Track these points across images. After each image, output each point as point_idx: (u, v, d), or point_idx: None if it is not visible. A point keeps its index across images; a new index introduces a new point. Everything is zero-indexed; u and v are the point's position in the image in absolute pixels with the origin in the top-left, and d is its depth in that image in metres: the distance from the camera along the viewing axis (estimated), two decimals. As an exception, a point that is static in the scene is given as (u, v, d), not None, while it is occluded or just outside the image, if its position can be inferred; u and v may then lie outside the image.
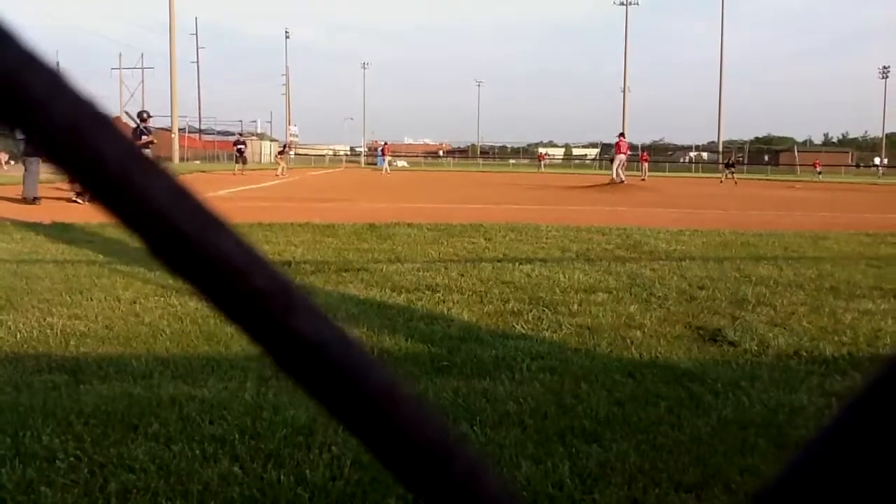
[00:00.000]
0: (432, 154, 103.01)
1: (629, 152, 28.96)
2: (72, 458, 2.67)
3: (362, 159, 76.55)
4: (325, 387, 0.21)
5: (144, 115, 16.45)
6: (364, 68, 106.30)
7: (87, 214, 11.42)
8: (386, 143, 54.26)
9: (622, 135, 27.64)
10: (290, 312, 0.21)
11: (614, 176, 26.02)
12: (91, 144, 0.19)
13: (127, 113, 19.45)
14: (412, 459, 0.22)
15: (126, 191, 0.19)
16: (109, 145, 0.19)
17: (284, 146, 43.99)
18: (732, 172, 36.77)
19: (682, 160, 74.52)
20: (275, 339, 0.21)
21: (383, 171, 43.85)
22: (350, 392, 0.21)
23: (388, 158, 47.66)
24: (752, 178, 44.20)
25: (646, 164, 40.65)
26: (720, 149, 74.21)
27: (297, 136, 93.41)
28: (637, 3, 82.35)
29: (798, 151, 75.24)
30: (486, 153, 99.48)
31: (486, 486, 0.23)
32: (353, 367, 0.21)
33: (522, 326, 4.76)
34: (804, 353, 4.21)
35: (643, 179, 33.37)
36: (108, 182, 0.19)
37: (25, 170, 13.76)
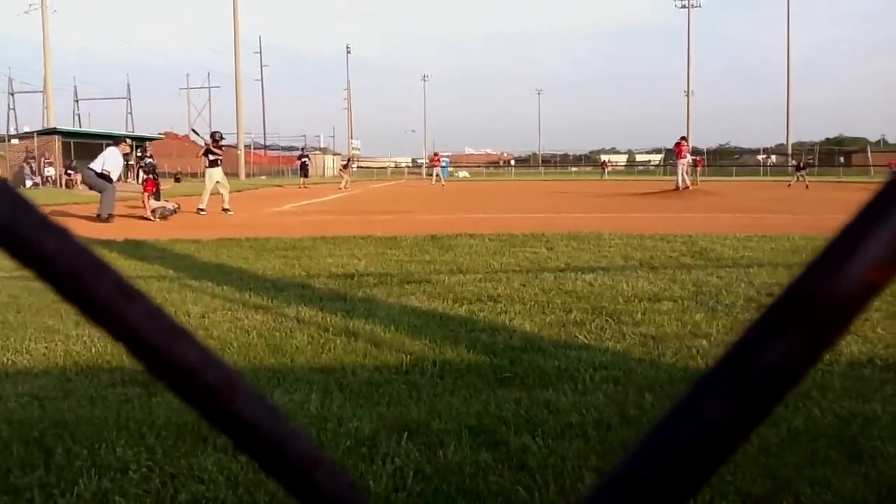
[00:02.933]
0: (493, 164, 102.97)
1: (691, 156, 28.60)
2: (144, 469, 2.75)
3: (423, 171, 76.93)
4: (259, 454, 0.28)
5: (217, 137, 17.02)
6: (424, 80, 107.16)
7: (157, 232, 11.78)
8: (435, 154, 47.52)
9: (684, 138, 27.04)
10: (234, 400, 0.28)
11: (680, 183, 25.52)
12: (95, 294, 0.27)
13: (194, 130, 19.96)
14: None
15: (113, 319, 0.27)
16: (103, 287, 0.27)
17: (348, 160, 42.37)
18: (804, 175, 35.71)
19: (762, 163, 72.67)
20: (222, 420, 0.28)
21: (433, 182, 40.32)
22: (277, 457, 0.28)
23: (437, 169, 42.19)
24: (823, 181, 43.02)
25: (698, 169, 39.74)
26: (789, 151, 72.40)
27: (359, 149, 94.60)
28: (699, 6, 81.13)
29: (871, 152, 72.80)
30: (548, 161, 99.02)
31: None
32: (279, 439, 0.28)
33: (585, 336, 4.72)
34: (878, 362, 4.07)
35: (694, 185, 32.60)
36: (99, 309, 0.27)
37: (103, 190, 14.28)
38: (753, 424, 0.25)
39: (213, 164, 16.42)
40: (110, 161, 14.11)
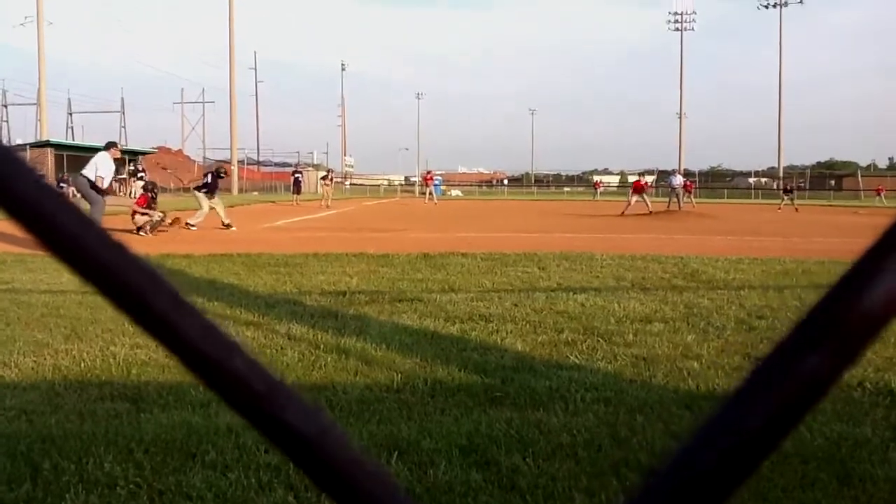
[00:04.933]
0: (486, 183, 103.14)
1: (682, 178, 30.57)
2: (132, 486, 2.73)
3: (417, 189, 77.08)
4: (303, 460, 0.29)
5: (222, 173, 18.07)
6: (419, 98, 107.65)
7: (148, 246, 11.75)
8: (429, 172, 47.61)
9: (640, 177, 30.85)
10: (284, 409, 0.28)
11: (628, 207, 25.86)
12: (154, 308, 0.28)
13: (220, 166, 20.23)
14: None
15: (167, 329, 0.28)
16: (158, 297, 0.28)
17: (327, 172, 39.73)
18: (792, 198, 35.89)
19: (753, 186, 73.01)
20: (271, 427, 0.29)
21: (426, 200, 40.10)
22: (323, 465, 0.28)
23: (430, 188, 42.56)
24: (814, 204, 43.27)
25: (691, 193, 39.86)
26: (780, 174, 72.77)
27: (352, 166, 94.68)
28: (692, 29, 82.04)
29: (861, 176, 73.28)
30: (541, 181, 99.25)
31: None
32: (326, 446, 0.29)
33: (576, 357, 4.72)
34: (868, 385, 4.08)
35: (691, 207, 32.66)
36: (156, 323, 0.28)
37: (93, 203, 14.21)
38: (788, 430, 0.27)
39: (205, 191, 16.56)
40: (102, 167, 13.96)
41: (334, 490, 0.29)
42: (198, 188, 16.91)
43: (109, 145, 14.39)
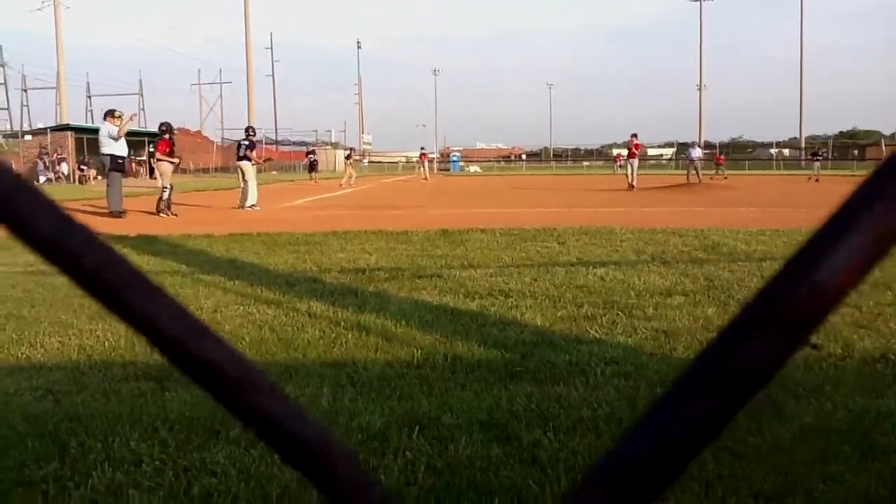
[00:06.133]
0: (505, 158, 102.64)
1: (702, 150, 27.75)
2: (157, 463, 2.77)
3: (435, 166, 76.87)
4: (276, 441, 0.30)
5: (251, 132, 17.84)
6: (435, 75, 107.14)
7: (170, 227, 11.84)
8: (423, 150, 46.81)
9: (635, 135, 25.50)
10: (258, 394, 0.30)
11: (632, 181, 24.50)
12: (121, 299, 0.29)
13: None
14: (336, 489, 0.31)
15: (138, 315, 0.30)
16: (136, 301, 0.29)
17: (350, 150, 39.28)
18: (818, 166, 35.60)
19: (775, 157, 72.06)
20: (244, 412, 0.30)
21: (417, 173, 40.44)
22: (295, 446, 0.30)
23: (424, 165, 42.70)
24: (837, 175, 42.72)
25: (722, 165, 39.62)
26: (802, 145, 71.87)
27: (370, 144, 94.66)
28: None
29: (885, 145, 72.14)
30: (560, 156, 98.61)
31: None
32: (298, 429, 0.30)
33: (596, 331, 4.71)
34: (892, 357, 4.05)
35: (725, 178, 32.31)
36: (133, 313, 0.29)
37: (109, 185, 14.30)
38: (729, 417, 0.27)
39: (249, 156, 16.63)
40: (112, 131, 14.05)
41: (305, 468, 0.30)
42: (241, 158, 16.70)
43: (107, 114, 14.46)
